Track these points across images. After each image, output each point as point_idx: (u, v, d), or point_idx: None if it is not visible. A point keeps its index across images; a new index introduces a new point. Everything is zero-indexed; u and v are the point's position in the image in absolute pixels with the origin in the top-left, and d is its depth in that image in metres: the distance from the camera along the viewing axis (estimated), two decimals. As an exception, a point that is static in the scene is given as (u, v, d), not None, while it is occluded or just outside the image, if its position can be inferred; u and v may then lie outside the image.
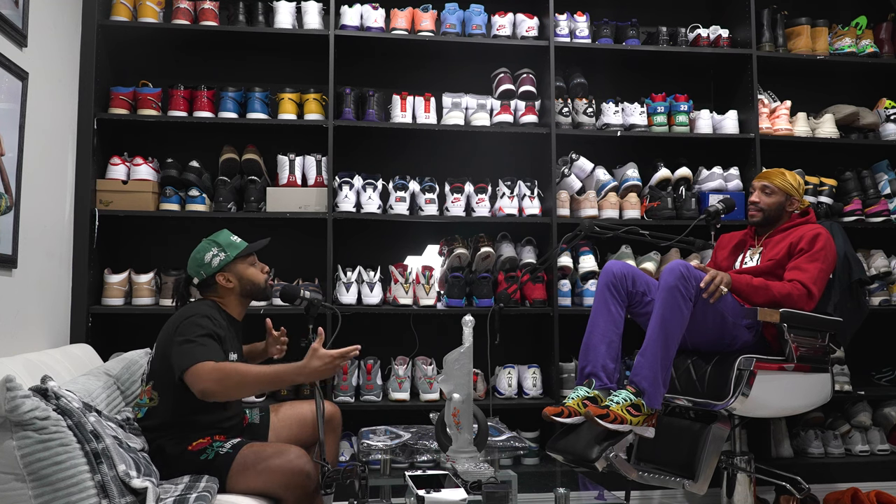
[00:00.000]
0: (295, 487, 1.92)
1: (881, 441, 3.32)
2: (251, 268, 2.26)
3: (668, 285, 2.28)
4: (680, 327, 2.29)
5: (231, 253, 2.21)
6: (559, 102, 3.37)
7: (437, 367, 3.08)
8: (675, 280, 2.28)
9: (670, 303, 2.27)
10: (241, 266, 2.23)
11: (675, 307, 2.27)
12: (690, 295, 2.28)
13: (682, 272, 2.29)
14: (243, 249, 2.23)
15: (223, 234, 2.28)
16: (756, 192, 2.71)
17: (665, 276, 2.31)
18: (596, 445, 2.22)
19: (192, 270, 2.24)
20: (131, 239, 3.30)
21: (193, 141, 3.33)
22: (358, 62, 3.45)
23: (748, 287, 2.44)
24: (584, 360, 2.42)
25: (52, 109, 2.74)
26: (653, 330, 2.28)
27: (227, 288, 2.22)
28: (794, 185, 2.67)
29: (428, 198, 3.21)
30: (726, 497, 2.56)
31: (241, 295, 2.25)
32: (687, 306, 2.28)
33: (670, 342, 2.27)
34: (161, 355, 2.08)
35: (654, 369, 2.24)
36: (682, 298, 2.27)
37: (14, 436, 1.53)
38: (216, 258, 2.20)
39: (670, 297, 2.27)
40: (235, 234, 2.30)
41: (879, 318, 3.44)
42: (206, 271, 2.21)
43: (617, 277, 2.46)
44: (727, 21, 3.60)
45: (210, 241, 2.25)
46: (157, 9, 3.19)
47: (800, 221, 2.65)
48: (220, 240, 2.24)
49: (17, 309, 2.42)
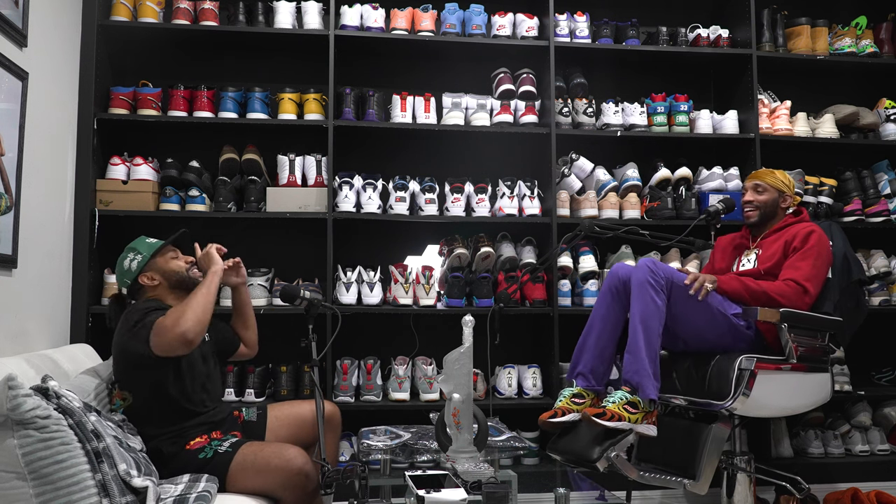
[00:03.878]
0: (294, 487, 1.92)
1: (881, 441, 3.32)
2: (172, 261, 2.27)
3: (638, 281, 2.37)
4: (658, 319, 2.34)
5: (147, 253, 2.24)
6: (559, 102, 3.37)
7: (437, 367, 3.08)
8: (644, 275, 2.36)
9: (644, 297, 2.35)
10: (161, 261, 2.25)
11: (649, 300, 2.34)
12: (661, 286, 2.36)
13: (649, 267, 2.39)
14: (158, 246, 2.26)
15: (138, 239, 2.31)
16: (748, 191, 2.73)
17: (634, 274, 2.40)
18: (596, 446, 2.22)
19: (119, 281, 2.28)
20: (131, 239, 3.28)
21: (193, 141, 3.33)
22: (358, 62, 3.45)
23: (739, 285, 2.47)
24: (576, 360, 2.49)
25: (52, 109, 2.74)
26: (633, 326, 2.35)
27: (153, 286, 2.23)
28: (786, 183, 2.70)
29: (428, 198, 3.21)
30: (726, 497, 2.56)
31: (171, 287, 2.25)
32: (661, 298, 2.36)
33: (651, 334, 2.32)
34: (116, 358, 2.12)
35: (641, 362, 2.29)
36: (654, 290, 2.35)
37: (15, 434, 1.53)
38: (133, 262, 2.24)
39: (643, 291, 2.35)
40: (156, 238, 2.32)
41: (879, 318, 3.44)
42: (129, 277, 2.23)
43: (623, 282, 2.47)
44: (727, 21, 3.60)
45: (127, 248, 2.29)
46: (157, 9, 3.19)
47: (793, 221, 2.67)
48: (135, 244, 2.28)
49: (17, 309, 2.42)
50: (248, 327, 2.49)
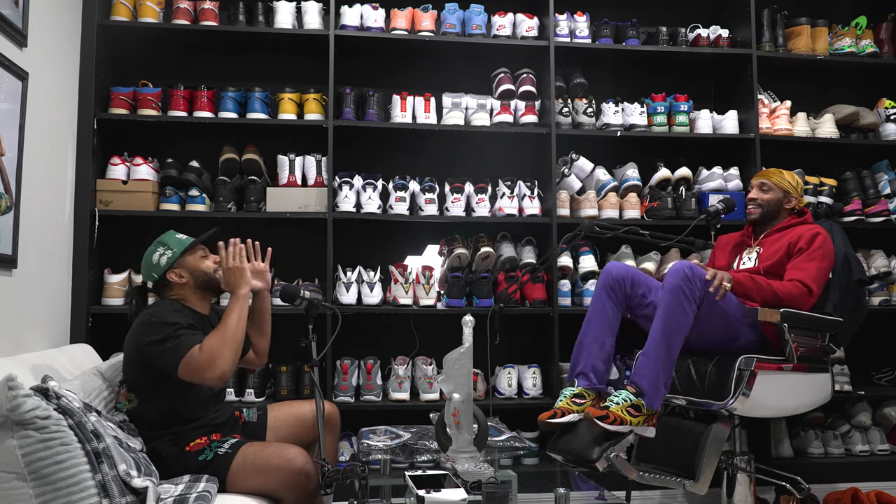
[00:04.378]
0: (295, 487, 1.92)
1: (881, 441, 3.32)
2: (202, 260, 2.24)
3: (671, 287, 2.28)
4: (684, 329, 2.27)
5: (178, 249, 2.21)
6: (559, 102, 3.37)
7: (437, 367, 3.08)
8: (680, 281, 2.27)
9: (674, 304, 2.26)
10: (191, 259, 2.22)
11: (679, 308, 2.26)
12: (695, 296, 2.27)
13: (686, 273, 2.28)
14: (190, 244, 2.23)
15: (168, 234, 2.27)
16: (754, 189, 2.73)
17: (669, 277, 2.31)
18: (596, 446, 2.21)
19: (145, 274, 2.24)
20: (131, 239, 3.29)
21: (193, 141, 3.33)
22: (358, 62, 3.44)
23: (751, 283, 2.44)
24: (576, 360, 2.46)
25: (52, 109, 2.74)
26: (656, 331, 2.28)
27: (181, 284, 2.21)
28: (792, 184, 2.69)
29: (428, 198, 3.21)
30: (726, 497, 2.56)
31: (197, 288, 2.23)
32: (691, 307, 2.27)
33: (673, 344, 2.26)
34: (130, 360, 2.09)
35: (655, 370, 2.24)
36: (686, 300, 2.26)
37: (15, 435, 1.53)
38: (163, 257, 2.20)
39: (674, 298, 2.26)
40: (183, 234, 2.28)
41: (879, 318, 3.44)
42: (157, 272, 2.20)
43: (615, 279, 2.47)
44: (727, 21, 3.60)
45: (156, 242, 2.25)
46: (157, 9, 3.19)
47: (797, 221, 2.66)
48: (164, 239, 2.25)
49: (18, 309, 2.42)
50: (262, 334, 2.42)
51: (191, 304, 2.21)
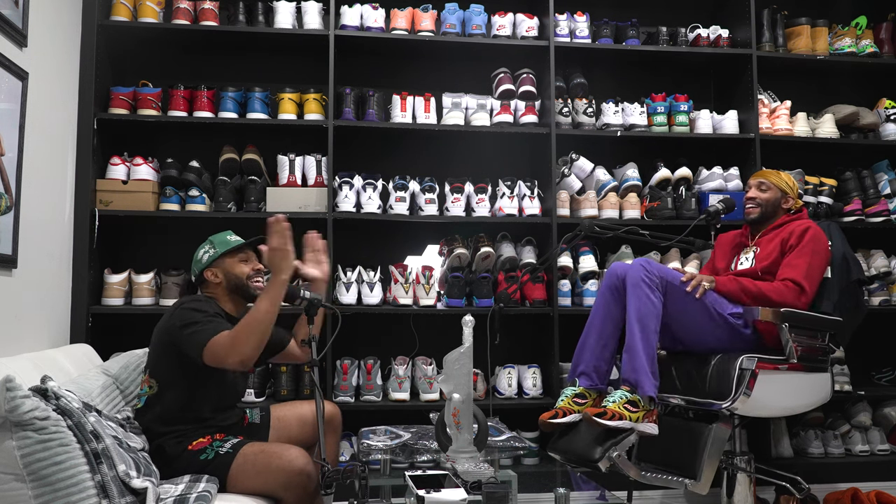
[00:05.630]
0: (295, 487, 1.92)
1: (881, 441, 3.32)
2: (239, 264, 2.25)
3: (633, 280, 2.39)
4: (654, 317, 2.36)
5: (220, 249, 2.24)
6: (559, 102, 3.37)
7: (437, 367, 3.08)
8: (639, 273, 2.38)
9: (639, 295, 2.37)
10: (229, 261, 2.24)
11: (645, 298, 2.36)
12: (656, 284, 2.38)
13: (643, 265, 2.40)
14: (232, 246, 2.24)
15: (222, 233, 2.31)
16: (752, 188, 2.74)
17: (629, 273, 2.41)
18: (598, 446, 2.22)
19: (191, 269, 2.30)
20: (131, 239, 3.30)
21: (193, 141, 3.32)
22: (358, 62, 3.44)
23: (734, 285, 2.48)
24: (578, 360, 2.49)
25: (52, 109, 2.74)
26: (630, 325, 2.36)
27: (216, 283, 2.24)
28: (789, 184, 2.72)
29: (428, 198, 3.21)
30: (726, 497, 2.56)
31: (229, 290, 2.24)
32: (656, 295, 2.37)
33: (649, 333, 2.33)
34: (157, 344, 2.13)
35: (639, 360, 2.30)
36: (650, 288, 2.37)
37: (14, 436, 1.53)
38: (206, 254, 2.25)
39: (638, 290, 2.37)
40: (236, 235, 2.31)
41: (879, 318, 3.43)
42: (197, 267, 2.25)
43: (620, 279, 2.47)
44: (727, 21, 3.59)
45: (208, 239, 2.29)
46: (157, 9, 3.19)
47: (790, 219, 2.67)
48: (214, 237, 2.28)
49: (18, 309, 2.42)
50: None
51: (222, 304, 2.23)
